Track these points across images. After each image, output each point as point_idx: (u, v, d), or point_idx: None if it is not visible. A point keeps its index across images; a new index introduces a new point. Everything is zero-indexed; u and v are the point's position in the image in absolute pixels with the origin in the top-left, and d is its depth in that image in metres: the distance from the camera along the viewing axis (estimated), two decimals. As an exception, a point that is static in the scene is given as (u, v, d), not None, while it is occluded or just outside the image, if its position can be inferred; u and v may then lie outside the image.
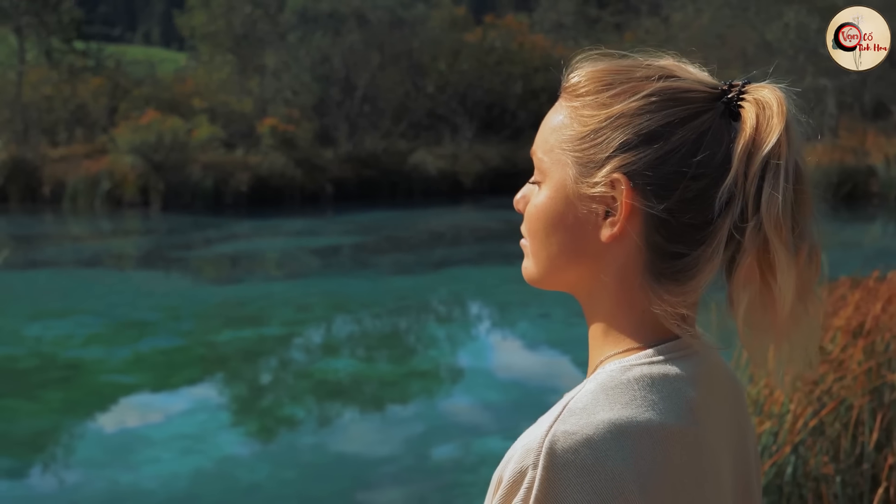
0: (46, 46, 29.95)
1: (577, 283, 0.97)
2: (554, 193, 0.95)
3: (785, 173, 0.88)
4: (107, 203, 23.17)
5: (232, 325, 10.52)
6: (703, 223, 0.90)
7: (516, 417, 6.89)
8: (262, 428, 7.17)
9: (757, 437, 3.80)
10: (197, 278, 14.15)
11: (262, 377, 8.71)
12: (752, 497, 1.02)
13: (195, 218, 21.12)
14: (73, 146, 26.42)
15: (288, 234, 19.07)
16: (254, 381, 8.53)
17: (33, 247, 17.73)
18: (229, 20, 29.24)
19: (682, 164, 0.89)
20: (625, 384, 0.89)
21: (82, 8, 34.28)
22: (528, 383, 8.11)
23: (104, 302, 11.82)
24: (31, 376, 8.29)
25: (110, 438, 6.84)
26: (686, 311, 0.93)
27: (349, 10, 28.61)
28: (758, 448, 1.10)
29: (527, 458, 0.84)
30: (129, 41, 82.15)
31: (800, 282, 0.90)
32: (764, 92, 0.91)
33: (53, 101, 27.55)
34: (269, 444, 6.81)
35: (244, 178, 23.47)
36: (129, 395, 7.86)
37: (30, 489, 5.91)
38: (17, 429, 6.91)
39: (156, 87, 29.01)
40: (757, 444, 1.09)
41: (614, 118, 0.91)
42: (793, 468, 3.33)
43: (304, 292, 12.46)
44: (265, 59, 28.69)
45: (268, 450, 6.67)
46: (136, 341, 9.68)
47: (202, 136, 24.25)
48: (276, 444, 6.79)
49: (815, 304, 0.93)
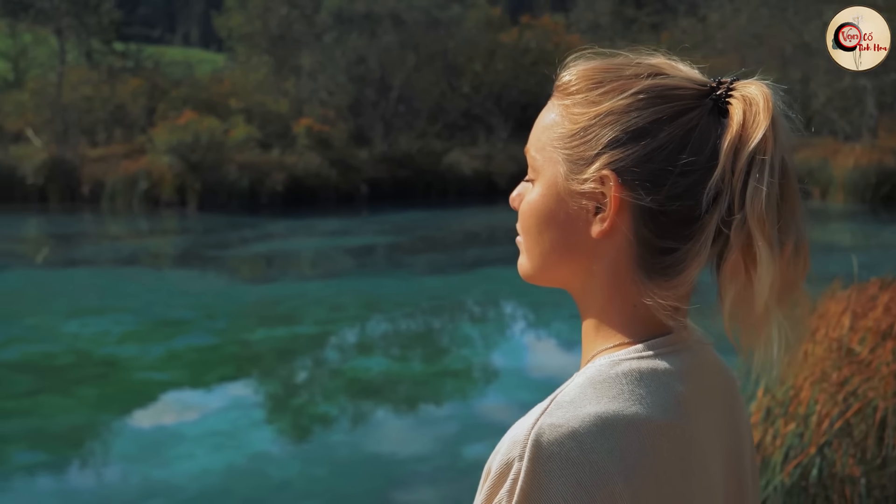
0: (87, 48, 30.35)
1: (569, 278, 0.98)
2: (546, 191, 0.96)
3: (770, 169, 0.88)
4: (144, 202, 23.45)
5: (266, 324, 10.61)
6: (691, 218, 0.91)
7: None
8: (294, 426, 7.23)
9: (753, 432, 3.77)
10: (232, 277, 14.28)
11: (295, 376, 8.78)
12: (746, 494, 1.02)
13: (231, 217, 21.31)
14: (111, 146, 26.74)
15: (322, 234, 19.19)
16: (286, 380, 8.60)
17: (72, 245, 17.99)
18: (266, 21, 29.47)
19: (669, 161, 0.90)
20: (613, 378, 0.90)
21: (122, 10, 34.68)
22: (561, 383, 8.09)
23: (140, 300, 11.97)
24: (68, 373, 8.42)
25: (144, 434, 6.93)
26: (677, 305, 0.94)
27: (385, 10, 28.71)
28: (753, 445, 1.09)
29: (513, 450, 0.85)
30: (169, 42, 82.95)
31: (783, 277, 0.90)
32: (751, 88, 0.92)
33: (93, 101, 27.90)
34: (300, 442, 6.87)
35: (280, 178, 23.64)
36: (163, 392, 7.96)
37: (64, 483, 6.01)
38: (53, 424, 7.03)
39: (193, 88, 29.28)
40: (753, 441, 1.09)
41: (603, 115, 0.92)
42: (818, 469, 3.31)
43: (337, 292, 12.53)
44: (301, 59, 28.87)
45: (299, 447, 6.72)
46: (171, 339, 9.80)
47: (238, 136, 24.46)
48: (308, 442, 6.85)
49: (802, 300, 0.93)
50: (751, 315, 0.91)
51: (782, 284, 0.90)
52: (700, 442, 0.93)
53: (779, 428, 3.42)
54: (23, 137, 27.61)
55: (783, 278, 0.90)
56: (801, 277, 0.92)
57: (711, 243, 0.92)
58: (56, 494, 5.79)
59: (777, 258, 0.89)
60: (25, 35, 31.46)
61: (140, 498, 5.64)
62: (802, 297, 0.93)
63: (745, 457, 1.03)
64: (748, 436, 1.06)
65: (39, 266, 15.81)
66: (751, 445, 1.07)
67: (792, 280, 0.91)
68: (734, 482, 1.01)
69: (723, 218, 0.90)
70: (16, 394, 7.75)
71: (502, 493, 0.85)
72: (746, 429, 1.06)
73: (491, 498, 0.87)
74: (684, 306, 0.96)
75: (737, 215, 0.89)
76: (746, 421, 1.07)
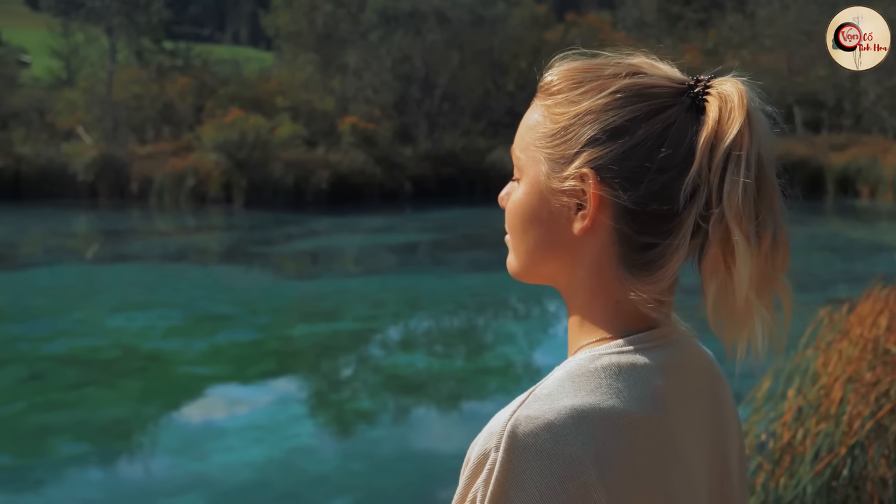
0: (137, 46, 30.83)
1: (555, 275, 1.00)
2: (529, 189, 0.98)
3: (746, 164, 0.89)
4: (191, 199, 23.77)
5: (307, 320, 10.71)
6: (669, 214, 0.92)
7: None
8: (334, 421, 7.29)
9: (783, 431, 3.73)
10: (276, 274, 14.43)
11: (335, 371, 8.85)
12: (731, 490, 1.03)
13: (276, 214, 21.52)
14: (160, 144, 27.15)
15: (366, 231, 19.30)
16: (326, 375, 8.68)
17: (121, 241, 18.30)
18: (312, 20, 29.71)
19: (647, 158, 0.91)
20: (592, 372, 0.91)
21: (172, 9, 35.17)
22: None
23: (185, 296, 12.15)
24: (113, 366, 8.58)
25: (185, 427, 7.05)
26: (660, 300, 0.95)
27: (430, 8, 28.79)
28: (742, 442, 1.09)
29: (490, 441, 0.87)
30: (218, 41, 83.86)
31: (761, 270, 0.91)
32: (726, 86, 0.93)
33: (142, 99, 28.34)
34: (339, 437, 6.94)
35: (325, 175, 23.82)
36: (205, 386, 8.08)
37: (106, 474, 6.13)
38: (97, 416, 7.17)
39: (241, 86, 29.62)
40: (741, 438, 1.09)
41: (582, 115, 0.94)
42: (849, 470, 3.28)
43: (379, 288, 12.60)
44: (347, 58, 29.06)
45: (338, 442, 6.79)
46: (214, 334, 9.94)
47: (284, 134, 24.69)
48: (347, 437, 6.91)
49: (784, 293, 0.94)
50: (733, 308, 0.92)
51: (761, 277, 0.91)
52: (680, 437, 0.93)
53: (809, 427, 3.39)
54: (74, 135, 28.14)
55: (761, 271, 0.91)
56: (781, 270, 0.93)
57: (691, 238, 0.92)
58: (98, 485, 5.91)
59: (754, 252, 0.90)
60: (78, 34, 32.02)
61: (179, 489, 5.74)
62: (783, 289, 0.94)
63: (730, 453, 1.03)
64: (735, 432, 1.06)
65: (89, 261, 16.11)
66: (738, 442, 1.07)
67: (770, 273, 0.92)
68: (718, 478, 1.01)
69: (701, 213, 0.91)
70: (62, 386, 7.92)
71: (479, 482, 0.87)
72: (734, 425, 1.06)
73: (468, 487, 0.89)
74: (668, 301, 0.97)
75: (714, 210, 0.90)
76: (734, 417, 1.07)
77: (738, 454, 1.07)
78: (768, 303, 0.93)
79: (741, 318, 0.93)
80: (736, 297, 0.91)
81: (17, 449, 6.50)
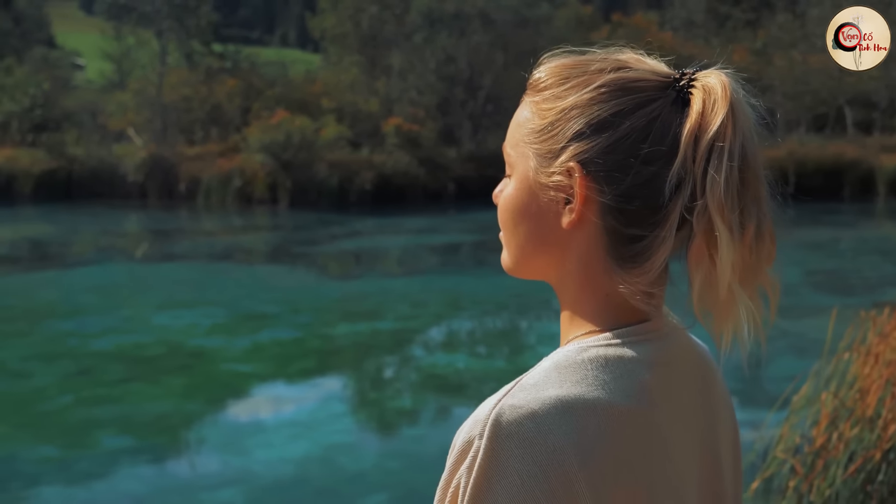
0: (187, 49, 31.23)
1: (546, 269, 1.00)
2: (519, 185, 0.99)
3: (729, 155, 0.90)
4: (238, 200, 24.05)
5: (348, 319, 10.80)
6: (655, 207, 0.92)
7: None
8: (372, 418, 7.35)
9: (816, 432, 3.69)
10: (319, 273, 14.55)
11: (375, 370, 8.92)
12: (723, 487, 1.02)
13: (320, 215, 21.69)
14: (207, 145, 27.48)
15: (409, 232, 19.38)
16: (366, 374, 8.75)
17: (169, 241, 18.58)
18: (357, 22, 29.88)
19: (632, 151, 0.92)
20: (578, 364, 0.91)
21: (222, 12, 35.57)
22: None
23: (230, 294, 12.31)
24: (157, 363, 8.73)
25: (226, 423, 7.16)
26: (650, 293, 0.95)
27: (474, 10, 28.80)
28: (738, 437, 1.08)
29: (474, 429, 0.88)
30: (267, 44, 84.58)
31: (745, 261, 0.91)
32: (710, 78, 0.94)
33: (191, 101, 28.71)
34: (377, 435, 6.99)
35: (368, 176, 23.95)
36: (246, 384, 8.19)
37: (148, 467, 6.24)
38: (141, 411, 7.30)
39: (287, 88, 29.86)
40: (736, 431, 1.08)
41: (568, 110, 0.95)
42: (884, 475, 3.24)
43: (421, 289, 12.66)
44: (391, 59, 29.19)
45: (376, 441, 6.84)
46: (257, 332, 10.06)
47: (329, 135, 24.87)
48: (385, 436, 6.96)
49: (769, 283, 0.95)
50: (716, 299, 0.92)
51: (745, 268, 0.92)
52: (666, 430, 0.94)
53: (843, 431, 3.36)
54: (125, 136, 28.59)
55: (745, 262, 0.91)
56: (766, 261, 0.93)
57: (678, 230, 0.93)
58: (141, 478, 6.03)
59: (737, 242, 0.90)
60: (129, 38, 32.54)
61: (219, 484, 5.83)
62: (768, 281, 0.95)
63: (721, 449, 1.03)
64: (728, 429, 1.06)
65: (138, 260, 16.38)
66: (732, 439, 1.07)
67: (754, 264, 0.92)
68: (709, 474, 1.01)
69: (686, 205, 0.91)
70: (108, 382, 8.08)
71: (462, 469, 0.88)
72: (727, 421, 1.06)
73: (452, 474, 0.89)
74: (658, 294, 0.97)
75: (699, 202, 0.90)
76: (727, 414, 1.06)
77: (731, 451, 1.06)
78: (753, 294, 0.94)
79: (725, 309, 0.93)
80: (720, 287, 0.91)
81: (64, 441, 6.65)
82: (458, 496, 0.88)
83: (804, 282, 12.83)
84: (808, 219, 20.93)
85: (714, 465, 1.02)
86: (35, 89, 28.77)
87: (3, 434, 6.83)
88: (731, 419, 1.08)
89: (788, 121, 28.45)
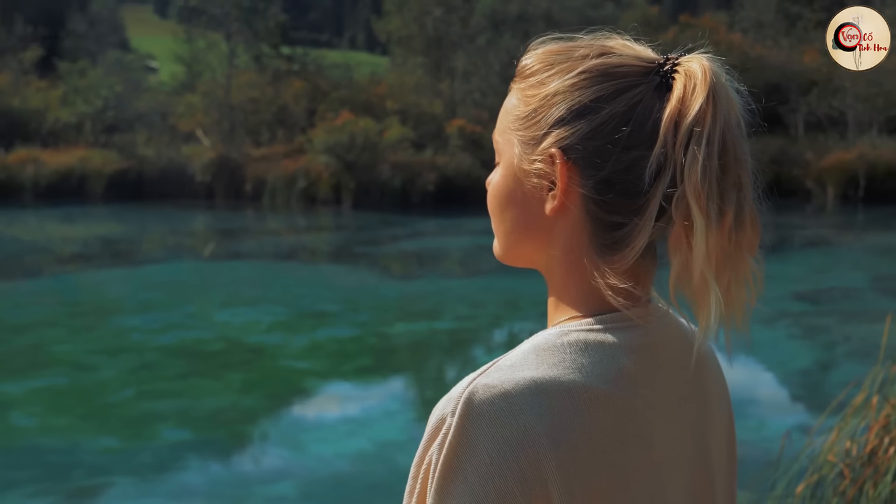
0: (256, 52, 31.67)
1: (533, 256, 1.00)
2: (505, 172, 0.99)
3: (708, 140, 0.88)
4: (302, 200, 24.34)
5: (407, 319, 10.87)
6: (636, 193, 0.91)
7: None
8: (426, 417, 7.36)
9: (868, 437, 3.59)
10: (380, 273, 14.67)
11: (431, 369, 8.97)
12: (711, 478, 1.01)
13: (383, 216, 21.85)
14: (273, 146, 27.84)
15: (471, 233, 19.39)
16: (421, 372, 8.81)
17: (235, 240, 18.89)
18: (422, 24, 30.02)
19: (612, 137, 0.91)
20: (557, 347, 0.91)
21: (291, 14, 35.94)
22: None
23: (291, 293, 12.48)
24: (217, 358, 8.91)
25: (282, 418, 7.28)
26: (633, 281, 0.94)
27: (538, 12, 28.77)
28: (733, 429, 1.07)
29: (447, 407, 0.88)
30: (336, 46, 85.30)
31: (722, 249, 0.90)
32: (692, 63, 0.92)
33: (258, 103, 29.11)
34: (431, 433, 7.02)
35: (431, 177, 24.04)
36: (303, 380, 8.31)
37: (205, 460, 6.38)
38: (200, 405, 7.46)
39: (352, 90, 30.12)
40: (732, 424, 1.07)
41: (551, 96, 0.95)
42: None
43: (480, 289, 12.68)
44: (455, 61, 29.27)
45: (429, 438, 6.88)
46: (315, 330, 10.19)
47: (393, 136, 25.02)
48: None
49: (747, 273, 0.93)
50: (690, 286, 0.91)
51: (722, 256, 0.90)
52: (644, 416, 0.92)
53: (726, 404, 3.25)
54: (193, 137, 29.12)
55: (723, 250, 0.90)
56: (746, 251, 0.92)
57: (661, 217, 0.91)
58: (197, 470, 6.16)
59: (713, 230, 0.88)
60: (200, 40, 33.14)
61: (273, 478, 5.94)
62: (747, 269, 0.93)
63: (711, 440, 1.01)
64: (721, 419, 1.04)
65: (205, 259, 16.69)
66: (725, 430, 1.05)
67: (733, 252, 0.91)
68: (699, 465, 0.99)
69: (666, 192, 0.90)
70: (169, 376, 8.27)
71: (434, 446, 0.88)
72: (719, 411, 1.04)
73: (425, 451, 0.90)
74: (645, 282, 0.96)
75: (678, 188, 0.89)
76: (720, 404, 1.05)
77: (724, 442, 1.05)
78: (731, 282, 0.92)
79: (699, 296, 0.91)
80: (693, 274, 0.89)
81: (124, 433, 6.83)
82: (430, 473, 0.89)
83: (871, 286, 12.55)
84: (879, 223, 20.44)
85: (704, 456, 1.00)
86: (108, 91, 29.48)
87: (66, 425, 7.04)
88: (726, 409, 1.06)
89: (860, 123, 27.77)
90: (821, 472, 3.60)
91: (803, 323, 10.38)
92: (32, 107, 31.12)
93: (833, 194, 24.00)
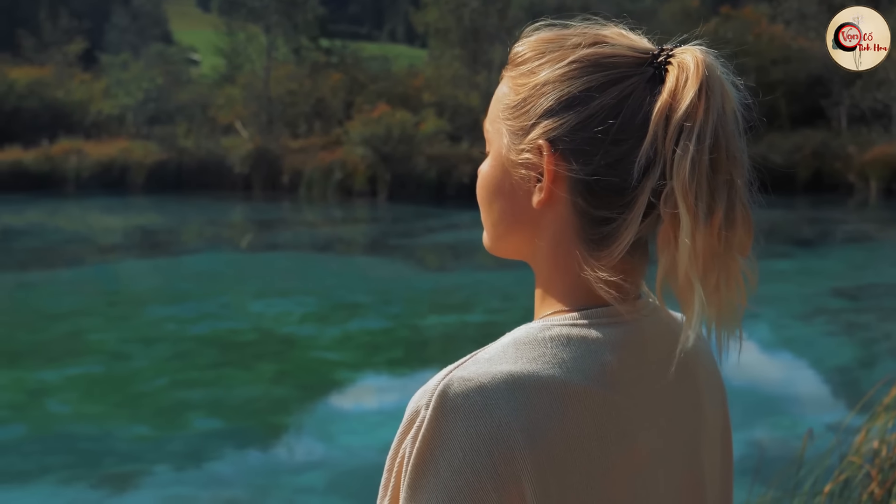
0: (295, 44, 31.85)
1: (521, 249, 0.98)
2: (494, 162, 0.96)
3: (699, 135, 0.85)
4: (338, 192, 24.47)
5: (438, 311, 10.88)
6: (624, 188, 0.88)
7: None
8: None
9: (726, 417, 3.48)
10: (415, 265, 14.70)
11: (458, 360, 8.98)
12: (701, 478, 0.98)
13: (418, 208, 21.88)
14: (310, 138, 28.03)
15: (506, 226, 19.38)
16: (450, 364, 8.82)
17: (272, 231, 19.04)
18: (459, 16, 29.99)
19: (601, 129, 0.88)
20: (538, 341, 0.88)
21: (330, 7, 36.06)
22: (759, 388, 7.69)
23: (325, 284, 12.55)
24: (250, 349, 8.98)
25: (312, 409, 7.33)
26: (622, 276, 0.91)
27: (576, 3, 28.65)
28: (728, 429, 1.05)
29: (422, 399, 0.86)
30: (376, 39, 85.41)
31: (710, 248, 0.87)
32: (685, 55, 0.89)
33: (296, 95, 29.29)
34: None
35: (466, 170, 24.03)
36: (333, 371, 8.35)
37: (235, 448, 6.44)
38: (232, 395, 7.54)
39: (389, 82, 30.20)
40: (727, 424, 1.05)
41: (541, 85, 0.92)
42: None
43: (513, 282, 12.64)
44: (492, 54, 29.20)
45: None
46: (347, 321, 10.24)
47: (429, 129, 25.05)
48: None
49: (739, 276, 0.90)
50: (676, 284, 0.88)
51: (710, 255, 0.87)
52: (626, 413, 0.89)
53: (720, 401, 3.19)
54: (232, 129, 29.38)
55: (711, 249, 0.87)
56: (738, 250, 0.89)
57: (651, 213, 0.88)
58: (228, 458, 6.23)
59: (701, 228, 0.85)
60: (239, 33, 33.38)
61: (302, 468, 5.98)
62: (737, 270, 0.90)
63: (702, 439, 0.98)
64: (713, 419, 1.01)
65: (243, 250, 16.83)
66: (719, 430, 1.03)
67: (722, 252, 0.88)
68: (688, 459, 0.97)
69: (655, 188, 0.87)
70: (202, 365, 8.36)
71: (408, 439, 0.86)
72: (711, 411, 1.01)
73: (400, 443, 0.88)
74: (633, 278, 0.93)
75: (667, 184, 0.86)
76: (713, 403, 1.02)
77: (718, 440, 1.02)
78: (720, 282, 0.89)
79: (683, 296, 0.87)
80: (678, 272, 0.86)
81: (157, 422, 6.91)
82: (403, 467, 0.87)
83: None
84: (924, 219, 20.12)
85: (693, 452, 0.97)
86: (149, 84, 29.81)
87: (100, 413, 7.14)
88: (720, 406, 1.03)
89: (905, 116, 27.33)
90: (848, 471, 3.54)
91: (842, 320, 10.23)
92: (76, 99, 31.62)
93: (876, 188, 23.65)
